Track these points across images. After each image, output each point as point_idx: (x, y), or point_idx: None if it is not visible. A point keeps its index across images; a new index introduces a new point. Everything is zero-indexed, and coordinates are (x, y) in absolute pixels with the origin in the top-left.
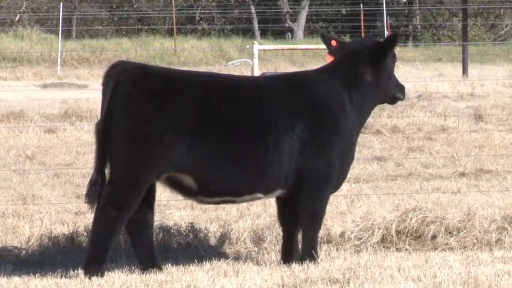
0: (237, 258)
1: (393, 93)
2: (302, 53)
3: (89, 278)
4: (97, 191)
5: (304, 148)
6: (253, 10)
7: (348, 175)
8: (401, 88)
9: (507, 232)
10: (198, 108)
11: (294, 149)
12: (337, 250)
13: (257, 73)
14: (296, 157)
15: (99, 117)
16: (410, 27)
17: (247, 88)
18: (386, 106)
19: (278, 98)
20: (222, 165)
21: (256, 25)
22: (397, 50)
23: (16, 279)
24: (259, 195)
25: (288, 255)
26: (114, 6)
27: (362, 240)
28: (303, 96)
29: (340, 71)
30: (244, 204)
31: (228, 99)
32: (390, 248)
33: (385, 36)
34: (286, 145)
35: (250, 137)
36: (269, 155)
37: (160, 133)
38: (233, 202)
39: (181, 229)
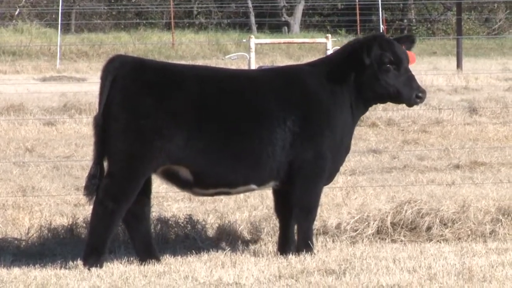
0: (234, 249)
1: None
2: (299, 47)
3: (88, 269)
4: (95, 184)
5: (295, 140)
6: (250, 4)
7: (344, 168)
8: (409, 89)
9: (501, 224)
10: (195, 101)
11: (286, 141)
12: (333, 241)
13: (253, 66)
14: (288, 149)
15: (97, 111)
16: (405, 21)
17: (242, 81)
18: None
19: (271, 91)
20: (218, 156)
21: (253, 19)
22: None
23: (16, 270)
24: (253, 186)
25: (285, 246)
26: (113, 0)
27: (357, 232)
28: (295, 89)
29: (331, 65)
30: (241, 195)
31: (223, 92)
32: (385, 239)
33: (381, 30)
34: (279, 137)
35: (245, 129)
36: (263, 147)
37: (158, 126)
38: (228, 193)
39: (179, 220)
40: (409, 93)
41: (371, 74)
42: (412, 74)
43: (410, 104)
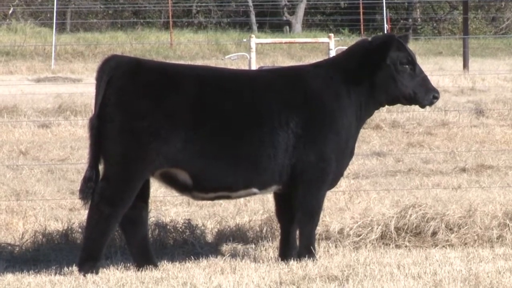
0: (234, 255)
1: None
2: (300, 47)
3: (84, 275)
4: (91, 188)
5: (298, 142)
6: (250, 3)
7: (347, 171)
8: (425, 90)
9: (509, 229)
10: (193, 102)
11: (288, 144)
12: (335, 247)
13: (254, 67)
14: (291, 152)
15: (93, 112)
16: (410, 20)
17: (242, 82)
18: None
19: (273, 92)
20: (217, 159)
21: (253, 18)
22: None
23: (9, 276)
24: (254, 190)
25: (286, 252)
26: None
27: (361, 237)
28: (298, 90)
29: (338, 66)
30: (241, 200)
31: (223, 93)
32: (389, 245)
33: (385, 29)
34: (281, 139)
35: (245, 131)
36: (264, 150)
37: (155, 128)
38: (228, 197)
39: (177, 225)
40: (426, 94)
41: (387, 75)
42: (426, 74)
43: (423, 106)
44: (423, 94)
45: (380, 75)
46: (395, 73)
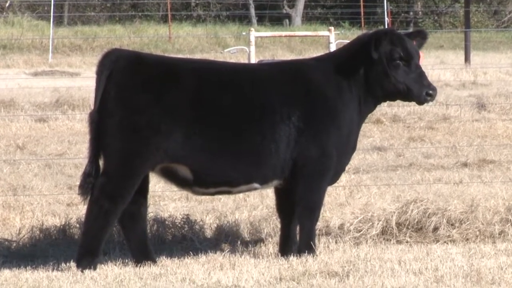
0: (233, 250)
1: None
2: (300, 40)
3: (82, 271)
4: (90, 183)
5: (300, 137)
6: None
7: (348, 166)
8: (419, 86)
9: (511, 224)
10: (193, 97)
11: (290, 138)
12: (336, 242)
13: (253, 60)
14: (293, 146)
15: (92, 106)
16: (411, 13)
17: (242, 75)
18: None
19: (274, 86)
20: (218, 154)
21: (253, 11)
22: None
23: (6, 272)
24: (256, 185)
25: (286, 247)
26: None
27: (361, 232)
28: (299, 84)
29: (338, 60)
30: (241, 195)
31: (223, 87)
32: (390, 240)
33: (385, 23)
34: (283, 133)
35: (246, 125)
36: (266, 144)
37: (155, 123)
38: (229, 192)
39: (176, 221)
40: (419, 90)
41: (380, 70)
42: (423, 71)
43: (420, 102)
44: (416, 90)
45: (374, 70)
46: (387, 68)
